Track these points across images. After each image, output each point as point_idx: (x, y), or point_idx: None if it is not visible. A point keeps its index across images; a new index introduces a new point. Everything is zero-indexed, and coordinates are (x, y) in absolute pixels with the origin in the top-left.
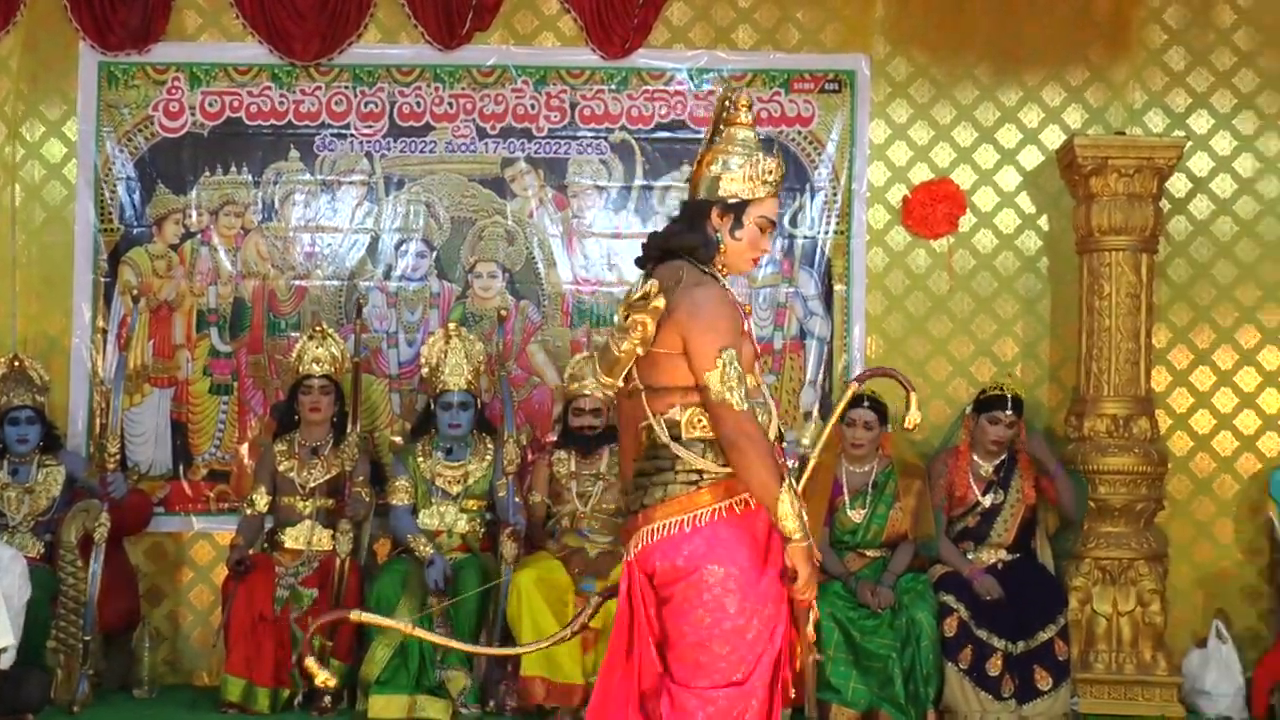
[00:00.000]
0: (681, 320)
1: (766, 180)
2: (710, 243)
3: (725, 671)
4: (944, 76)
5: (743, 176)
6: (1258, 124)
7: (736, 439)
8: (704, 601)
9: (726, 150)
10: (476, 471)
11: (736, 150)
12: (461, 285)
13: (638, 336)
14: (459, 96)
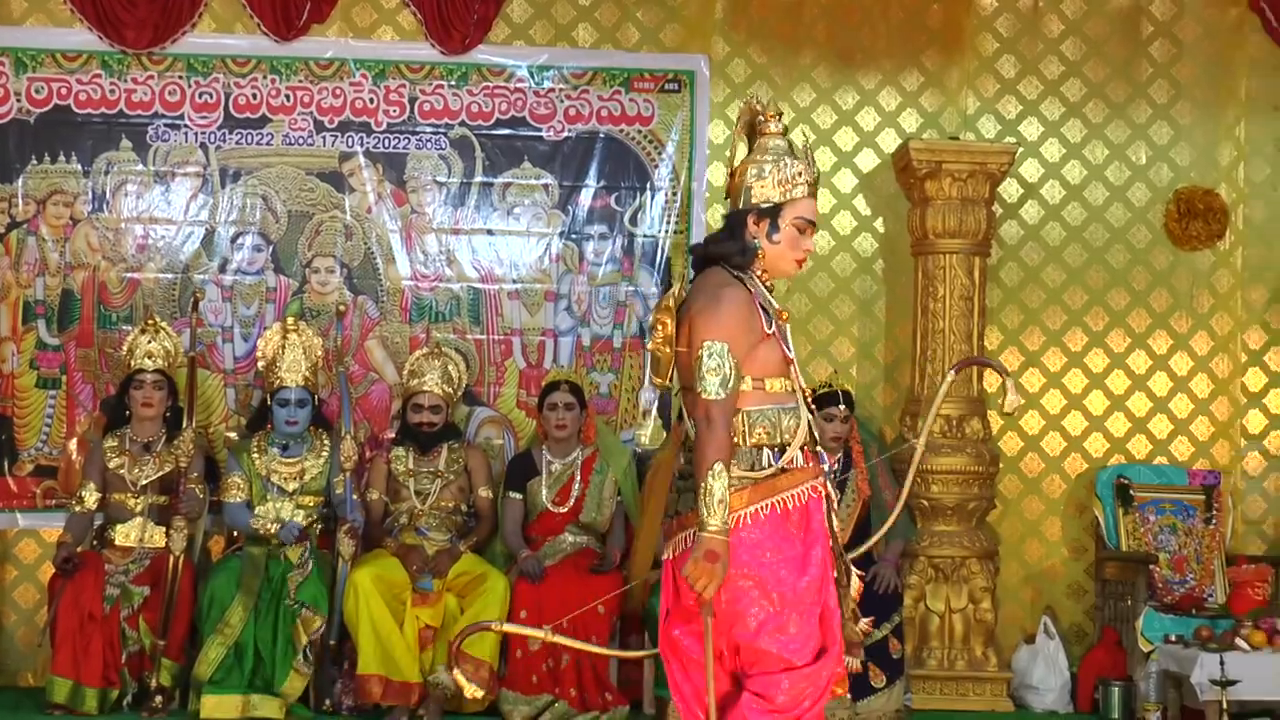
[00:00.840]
0: (694, 319)
1: (797, 182)
2: (747, 249)
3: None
4: (782, 78)
5: (774, 181)
6: (1085, 132)
7: (698, 423)
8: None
9: (758, 159)
10: (313, 468)
11: (767, 158)
12: (299, 280)
13: (660, 335)
14: (296, 89)
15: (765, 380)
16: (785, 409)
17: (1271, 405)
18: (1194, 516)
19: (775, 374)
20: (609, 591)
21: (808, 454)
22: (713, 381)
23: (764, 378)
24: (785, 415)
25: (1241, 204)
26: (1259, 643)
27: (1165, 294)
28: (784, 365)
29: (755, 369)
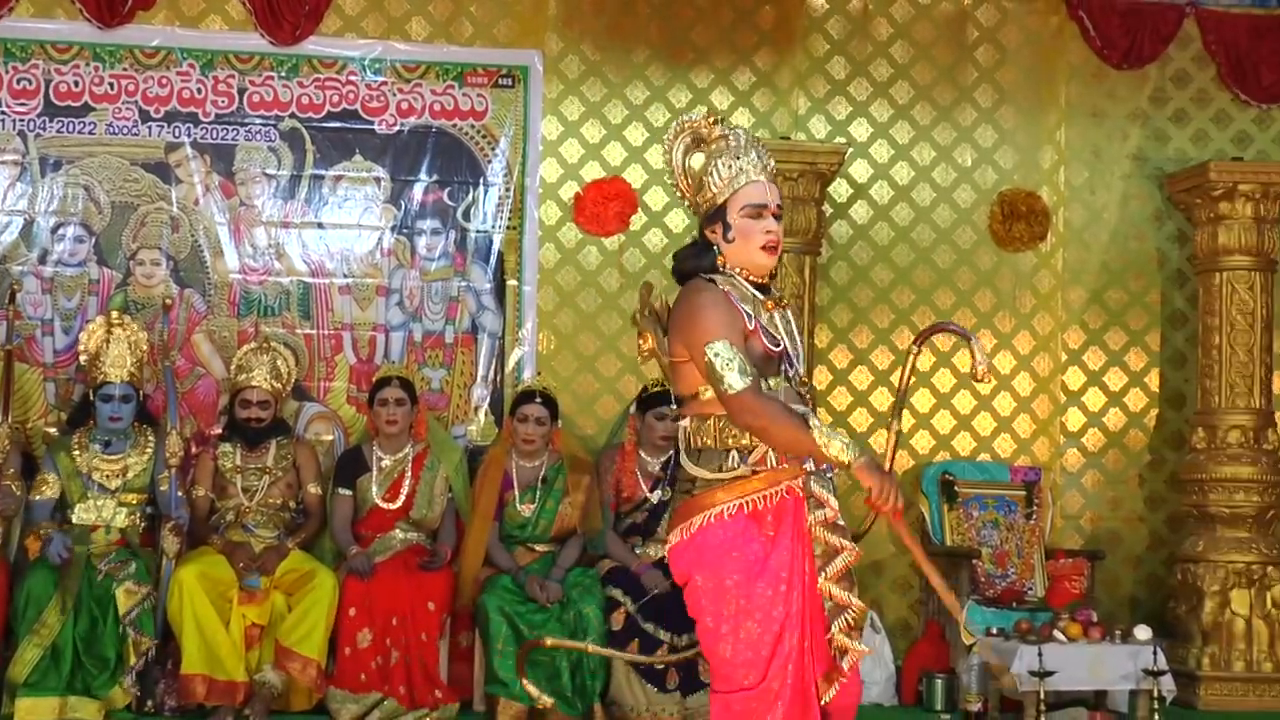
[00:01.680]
0: (677, 328)
1: (738, 173)
2: (708, 254)
3: (734, 678)
4: (616, 76)
5: (716, 182)
6: (913, 134)
7: (748, 420)
8: (701, 609)
9: (705, 167)
10: (137, 465)
11: (711, 163)
12: (123, 272)
13: (646, 348)
14: (120, 77)
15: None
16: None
17: (1090, 404)
18: (1015, 512)
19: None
20: (439, 588)
21: (783, 455)
22: (733, 376)
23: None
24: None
25: (1062, 207)
26: (1075, 634)
27: (989, 294)
28: (765, 362)
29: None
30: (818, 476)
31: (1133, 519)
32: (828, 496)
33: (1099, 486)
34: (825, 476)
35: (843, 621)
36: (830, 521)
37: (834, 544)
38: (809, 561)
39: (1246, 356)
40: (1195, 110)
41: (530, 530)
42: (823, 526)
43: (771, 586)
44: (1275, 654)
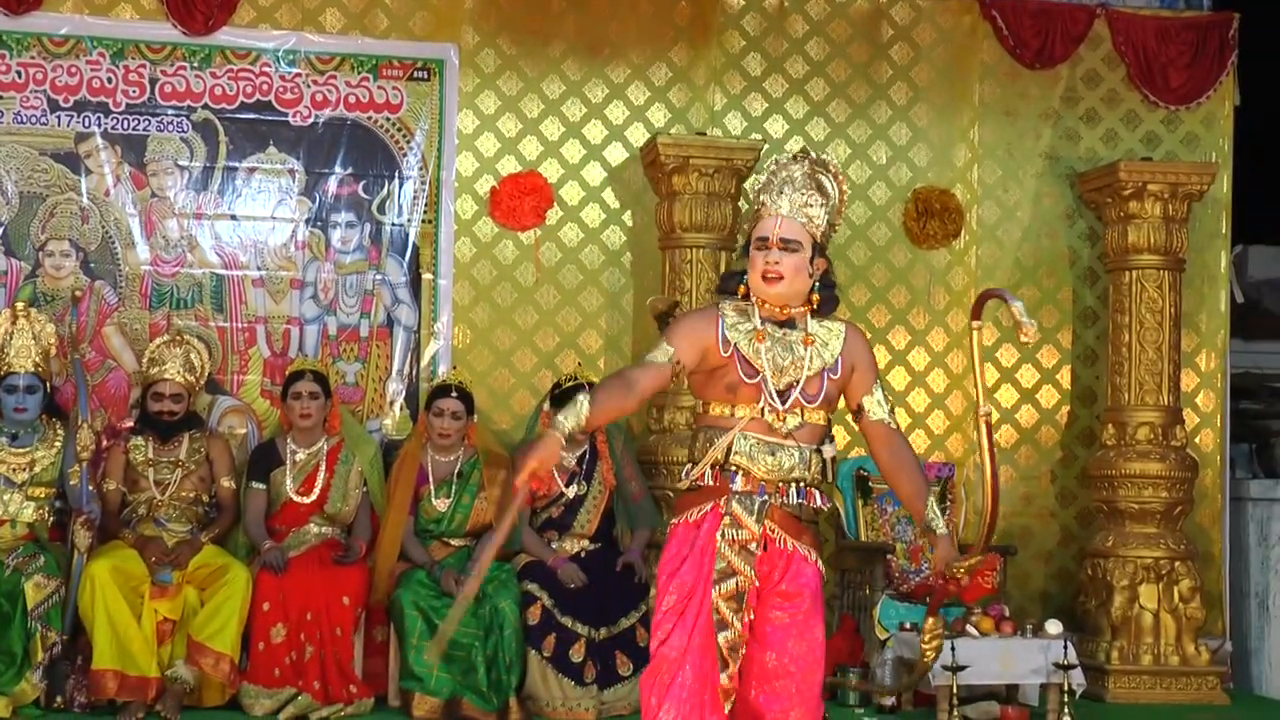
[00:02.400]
0: None
1: (757, 210)
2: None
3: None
4: (532, 70)
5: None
6: (828, 131)
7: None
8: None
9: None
10: (45, 458)
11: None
12: (31, 263)
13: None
14: (28, 65)
15: (710, 404)
16: (719, 431)
17: (1003, 400)
18: None
19: (722, 399)
20: (354, 582)
21: (716, 474)
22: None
23: (710, 401)
24: (712, 436)
25: (975, 205)
26: (987, 629)
27: (903, 291)
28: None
29: (706, 392)
30: (742, 498)
31: (1044, 515)
32: (748, 520)
33: (1011, 482)
34: (753, 500)
35: (725, 637)
36: (741, 543)
37: (735, 565)
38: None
39: (1155, 354)
40: (1106, 110)
41: (446, 525)
42: (730, 545)
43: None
44: (1182, 648)
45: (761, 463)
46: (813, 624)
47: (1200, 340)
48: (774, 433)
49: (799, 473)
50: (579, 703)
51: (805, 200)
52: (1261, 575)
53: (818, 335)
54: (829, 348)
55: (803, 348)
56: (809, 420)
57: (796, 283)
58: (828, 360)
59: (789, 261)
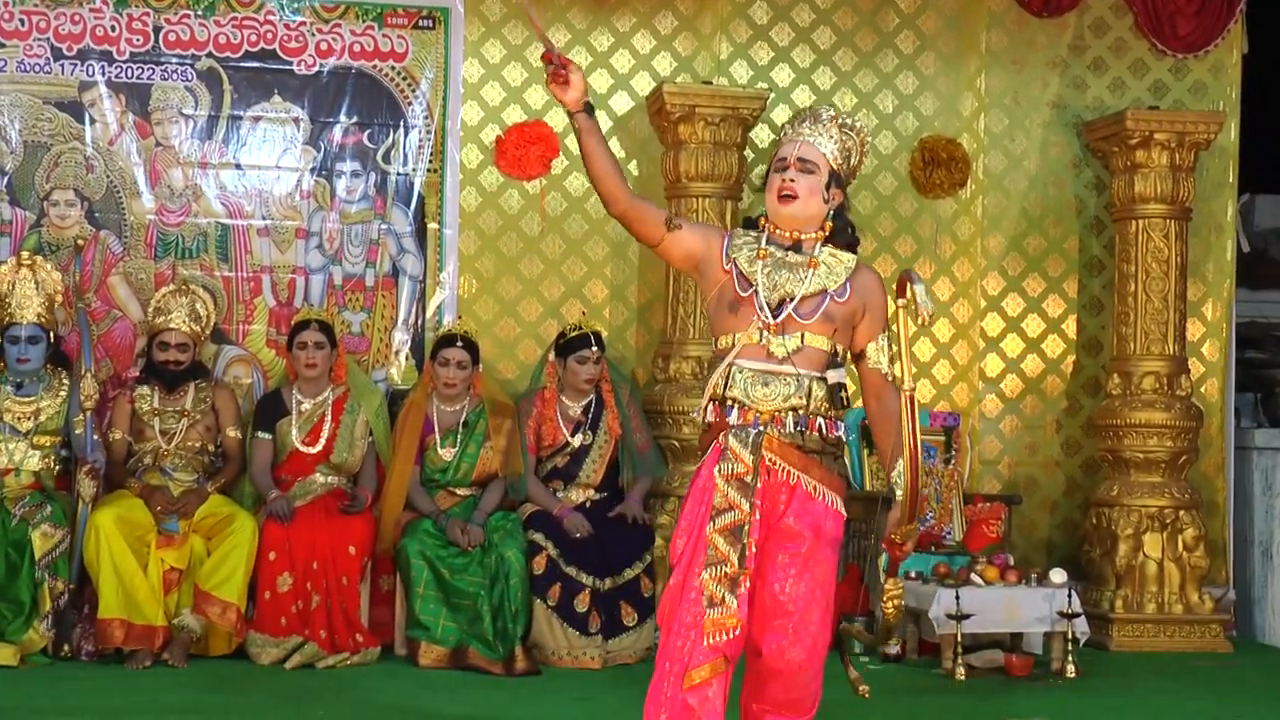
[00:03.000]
0: None
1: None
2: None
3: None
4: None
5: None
6: (834, 80)
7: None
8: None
9: None
10: (50, 408)
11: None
12: (36, 213)
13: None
14: (31, 13)
15: (719, 338)
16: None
17: (1008, 350)
18: (934, 457)
19: (727, 327)
20: (360, 532)
21: (717, 409)
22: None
23: (719, 334)
24: (711, 369)
25: (982, 154)
26: (992, 578)
27: (910, 240)
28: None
29: (715, 320)
30: (738, 432)
31: (1049, 464)
32: (742, 453)
33: (1016, 432)
34: (748, 432)
35: (716, 572)
36: (737, 477)
37: (731, 499)
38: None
39: (1161, 304)
40: (1113, 59)
41: (451, 474)
42: (726, 479)
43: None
44: (1186, 596)
45: (756, 393)
46: (814, 564)
47: (1206, 290)
48: (770, 359)
49: (796, 400)
50: (584, 652)
51: (827, 131)
52: (1266, 524)
53: (825, 261)
54: (835, 273)
55: (805, 269)
56: (808, 344)
57: (810, 205)
58: (830, 284)
59: (804, 182)
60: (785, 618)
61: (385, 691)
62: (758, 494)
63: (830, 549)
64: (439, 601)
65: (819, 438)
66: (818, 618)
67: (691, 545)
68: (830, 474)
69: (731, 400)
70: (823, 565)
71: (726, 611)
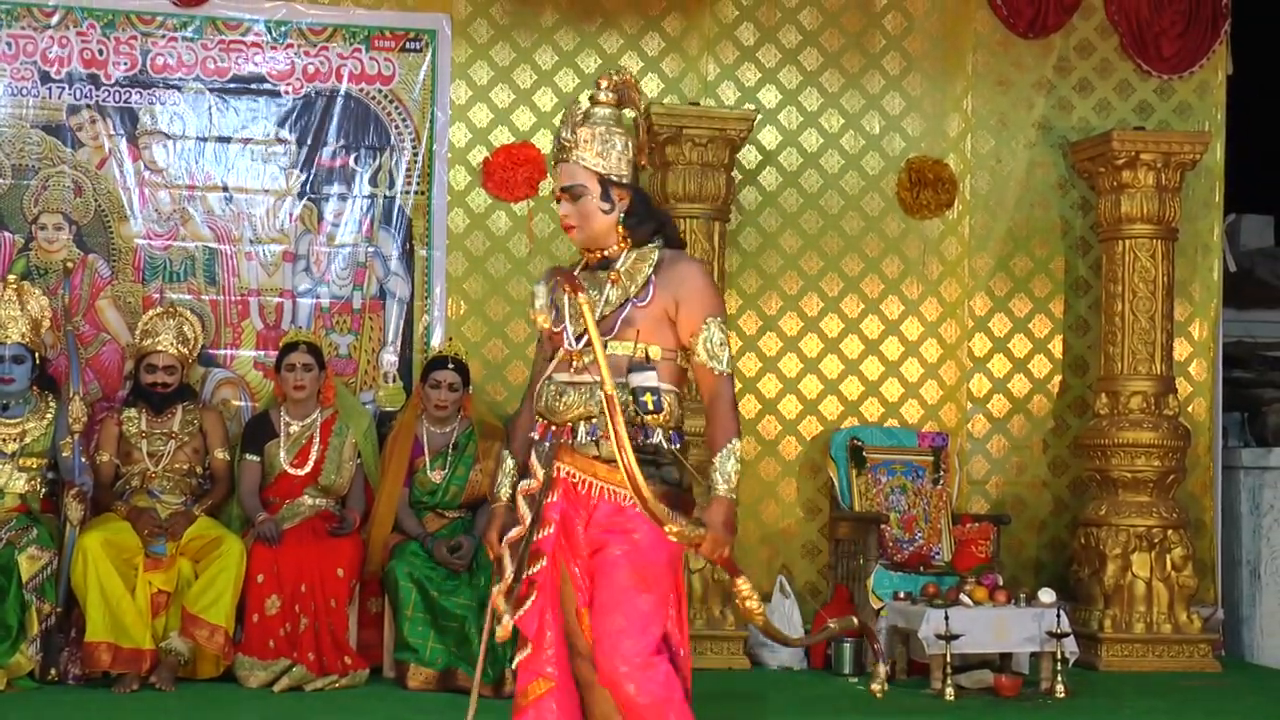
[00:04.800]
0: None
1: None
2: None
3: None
4: (524, 40)
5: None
6: (821, 101)
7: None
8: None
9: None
10: (35, 430)
11: None
12: (25, 237)
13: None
14: (19, 37)
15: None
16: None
17: (995, 370)
18: (923, 477)
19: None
20: (348, 554)
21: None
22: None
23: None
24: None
25: (969, 175)
26: (980, 598)
27: (897, 261)
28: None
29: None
30: (537, 446)
31: (1037, 484)
32: (536, 467)
33: (1004, 452)
34: (543, 446)
35: (501, 587)
36: (529, 491)
37: (521, 513)
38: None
39: (1148, 323)
40: (1098, 80)
41: (441, 496)
42: (522, 495)
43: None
44: (1174, 616)
45: (555, 406)
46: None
47: (1193, 309)
48: (570, 371)
49: (589, 409)
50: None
51: (581, 139)
52: (1253, 543)
53: (627, 270)
54: (636, 279)
55: (610, 285)
56: (610, 352)
57: (592, 226)
58: (631, 291)
59: (576, 210)
60: (598, 632)
61: (374, 714)
62: (551, 508)
63: (650, 556)
64: (427, 624)
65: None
66: (636, 627)
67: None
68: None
69: (537, 416)
70: (634, 572)
71: (505, 629)
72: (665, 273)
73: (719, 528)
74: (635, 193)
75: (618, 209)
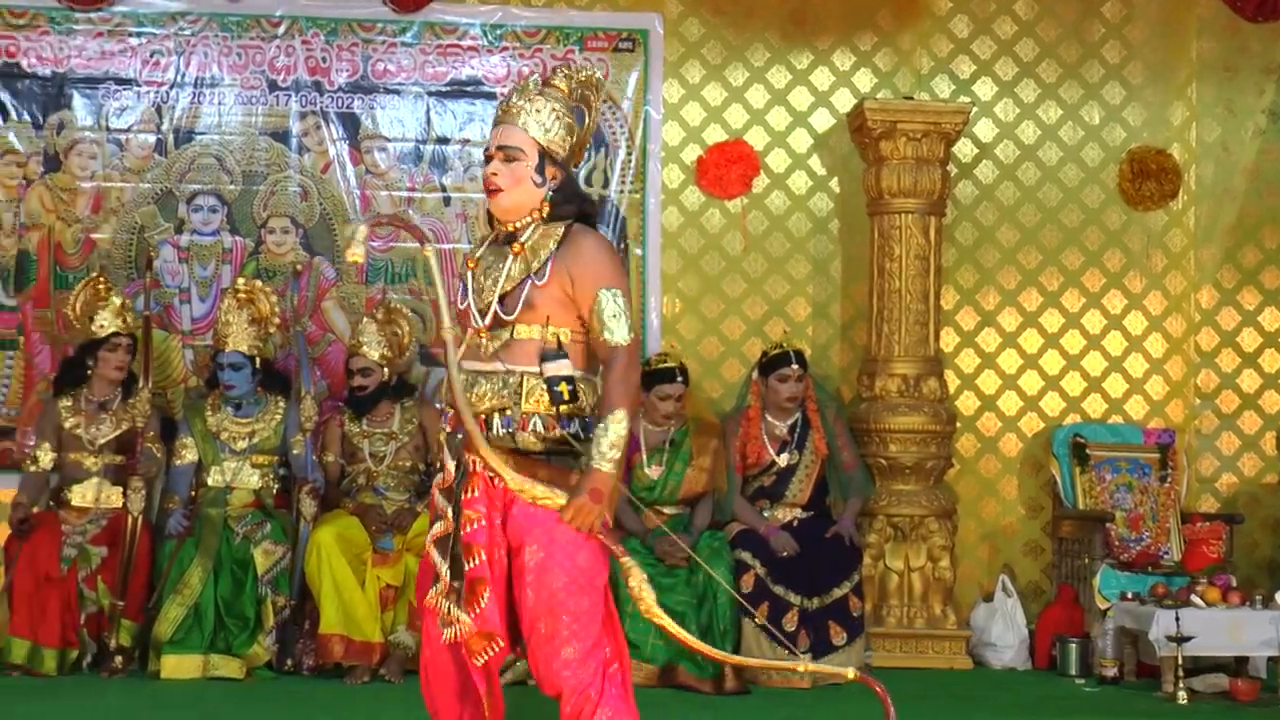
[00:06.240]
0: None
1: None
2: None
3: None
4: (735, 38)
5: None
6: (1038, 92)
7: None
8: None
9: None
10: (264, 429)
11: None
12: (254, 240)
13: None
14: (248, 47)
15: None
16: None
17: (1223, 364)
18: (1149, 475)
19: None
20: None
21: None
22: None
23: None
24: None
25: (1193, 164)
26: (1213, 599)
27: (1119, 254)
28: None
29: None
30: (449, 438)
31: (1271, 483)
32: (447, 460)
33: (1235, 449)
34: (454, 438)
35: (439, 587)
36: (443, 486)
37: (440, 508)
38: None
39: None
40: None
41: (658, 493)
42: (438, 488)
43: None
44: None
45: (467, 396)
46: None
47: None
48: (479, 358)
49: (502, 400)
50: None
51: (533, 107)
52: None
53: (531, 245)
54: (538, 255)
55: (510, 259)
56: (516, 337)
57: (519, 194)
58: (533, 266)
59: (507, 171)
60: (529, 632)
61: None
62: (473, 503)
63: (572, 551)
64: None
65: (536, 438)
66: (564, 627)
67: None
68: (564, 474)
69: (447, 406)
70: (560, 571)
71: (464, 627)
72: (563, 250)
73: (582, 495)
74: (566, 174)
75: (548, 185)
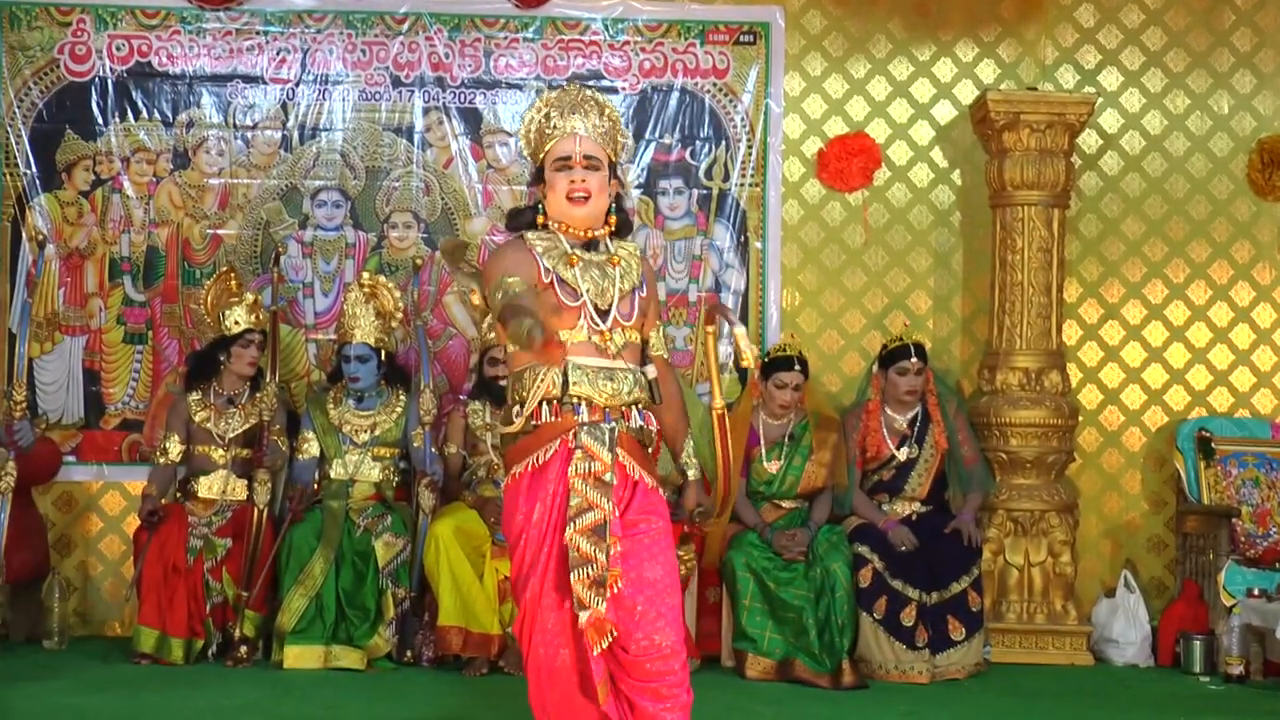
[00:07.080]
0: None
1: (542, 131)
2: (526, 212)
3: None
4: (858, 30)
5: (527, 145)
6: (1165, 82)
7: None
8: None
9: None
10: (385, 422)
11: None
12: (377, 235)
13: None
14: (372, 44)
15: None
16: (543, 366)
17: None
18: (1277, 470)
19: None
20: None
21: (556, 409)
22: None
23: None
24: (538, 370)
25: None
26: None
27: (1247, 245)
28: (560, 313)
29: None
30: (591, 429)
31: None
32: (599, 450)
33: None
34: (601, 429)
35: (584, 574)
36: (596, 476)
37: (591, 499)
38: (558, 512)
39: None
40: None
41: (777, 487)
42: (583, 479)
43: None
44: None
45: (602, 389)
46: (664, 549)
47: None
48: (603, 355)
49: (636, 394)
50: (911, 666)
51: (596, 120)
52: None
53: (623, 258)
54: (632, 269)
55: (611, 268)
56: (630, 340)
57: (599, 202)
58: (635, 280)
59: (594, 179)
60: (652, 604)
61: (714, 702)
62: (616, 490)
63: (671, 537)
64: (765, 614)
65: (651, 432)
66: (677, 601)
67: (548, 552)
68: (653, 466)
69: (577, 398)
70: (671, 551)
71: (596, 615)
72: (645, 267)
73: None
74: (621, 187)
75: (611, 197)
